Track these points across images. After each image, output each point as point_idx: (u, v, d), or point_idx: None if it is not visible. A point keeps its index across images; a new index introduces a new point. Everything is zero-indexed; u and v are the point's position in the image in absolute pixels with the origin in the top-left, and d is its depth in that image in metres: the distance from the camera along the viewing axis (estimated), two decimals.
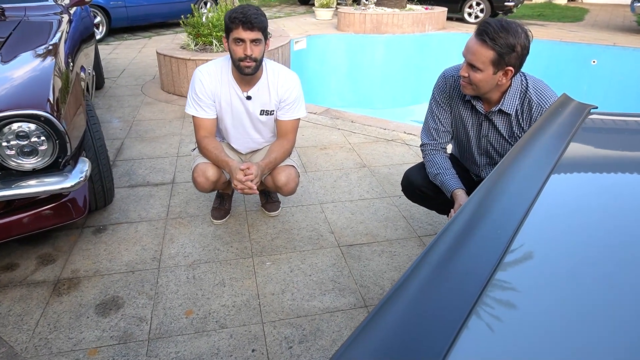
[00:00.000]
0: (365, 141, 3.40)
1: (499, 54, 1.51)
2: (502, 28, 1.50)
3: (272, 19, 10.00)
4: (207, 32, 4.55)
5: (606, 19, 10.86)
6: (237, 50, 1.88)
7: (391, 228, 2.34)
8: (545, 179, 0.89)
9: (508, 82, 1.63)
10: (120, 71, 5.55)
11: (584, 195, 0.91)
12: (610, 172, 1.02)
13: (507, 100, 1.66)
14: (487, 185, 0.89)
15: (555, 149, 1.06)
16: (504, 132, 1.74)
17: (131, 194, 2.65)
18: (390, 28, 7.81)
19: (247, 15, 1.82)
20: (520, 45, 1.51)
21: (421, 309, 0.55)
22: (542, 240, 0.72)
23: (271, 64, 2.08)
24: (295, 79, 2.10)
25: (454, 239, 0.71)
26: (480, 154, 1.88)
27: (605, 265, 0.64)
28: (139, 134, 3.55)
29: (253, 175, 1.88)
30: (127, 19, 8.10)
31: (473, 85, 1.61)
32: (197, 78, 2.03)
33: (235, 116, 2.11)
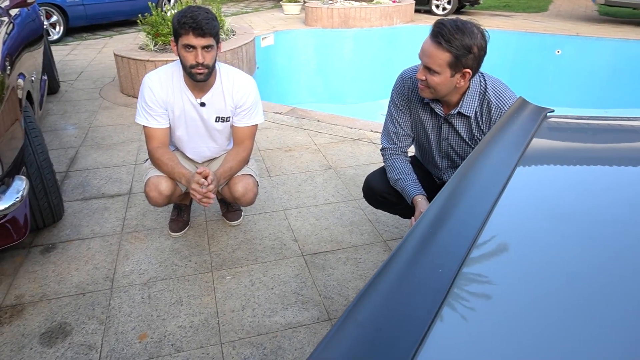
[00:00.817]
0: (331, 141, 3.32)
1: (455, 56, 1.46)
2: (458, 29, 1.44)
3: (240, 15, 9.81)
4: (166, 31, 4.38)
5: (569, 9, 11.06)
6: (187, 56, 1.77)
7: (357, 233, 2.27)
8: (504, 182, 0.88)
9: (466, 84, 1.57)
10: (77, 74, 5.32)
11: (543, 196, 0.90)
12: (569, 174, 1.02)
13: (465, 102, 1.61)
14: (448, 190, 0.87)
15: (513, 153, 1.04)
16: (463, 134, 1.69)
17: (84, 208, 2.50)
18: (358, 22, 7.74)
19: (197, 20, 1.70)
20: (477, 46, 1.46)
21: (387, 311, 0.55)
22: (504, 240, 0.72)
23: (225, 68, 1.98)
24: (251, 83, 2.00)
25: (418, 243, 0.70)
26: (442, 157, 1.83)
27: (569, 264, 0.64)
28: (95, 141, 3.39)
29: (210, 182, 1.78)
30: (86, 18, 7.77)
31: (431, 88, 1.56)
32: (146, 85, 1.90)
33: (189, 124, 2.00)
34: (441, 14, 9.64)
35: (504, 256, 0.67)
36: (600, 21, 9.02)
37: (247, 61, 4.86)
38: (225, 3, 12.25)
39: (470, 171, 0.92)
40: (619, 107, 7.15)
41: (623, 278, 0.59)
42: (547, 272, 0.61)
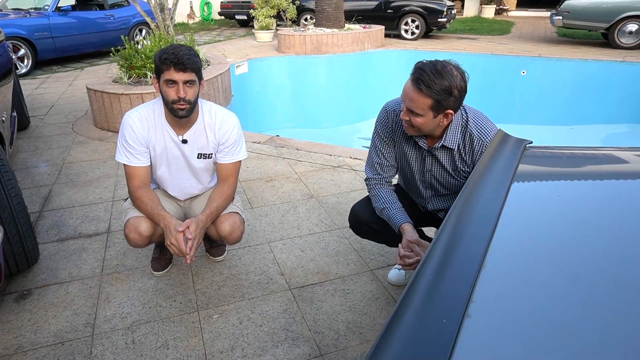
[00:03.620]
0: (311, 169, 3.33)
1: (437, 101, 1.49)
2: (437, 73, 1.47)
3: (212, 43, 9.86)
4: (140, 63, 4.36)
5: (530, 31, 11.58)
6: (169, 92, 1.76)
7: (343, 263, 2.27)
8: (495, 222, 0.90)
9: (449, 121, 1.62)
10: (48, 108, 5.21)
11: (534, 234, 0.93)
12: (555, 205, 1.06)
13: (449, 136, 1.65)
14: (445, 234, 0.88)
15: (501, 190, 1.06)
16: (447, 166, 1.73)
17: (60, 250, 2.42)
18: (330, 48, 7.89)
19: (178, 56, 1.70)
20: (457, 88, 1.50)
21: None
22: (501, 287, 0.73)
23: (207, 105, 1.97)
24: (234, 120, 1.99)
25: (421, 293, 0.71)
26: (425, 187, 1.85)
27: (568, 310, 0.65)
28: (69, 178, 3.30)
29: (193, 237, 1.76)
30: (55, 51, 7.67)
31: (415, 127, 1.60)
32: (126, 124, 1.87)
33: (171, 162, 1.98)
34: (410, 38, 9.93)
35: (502, 304, 0.68)
36: (559, 42, 9.46)
37: (223, 91, 4.87)
38: (197, 32, 12.31)
39: (463, 213, 0.94)
40: (583, 124, 7.46)
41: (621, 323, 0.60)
42: (546, 319, 0.62)
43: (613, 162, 1.29)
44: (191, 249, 1.76)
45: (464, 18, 14.78)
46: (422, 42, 9.51)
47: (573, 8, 8.79)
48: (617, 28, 8.40)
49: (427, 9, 9.81)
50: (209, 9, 14.94)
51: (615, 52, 8.07)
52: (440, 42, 9.65)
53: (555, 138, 7.16)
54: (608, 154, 1.35)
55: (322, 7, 8.29)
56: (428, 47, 8.70)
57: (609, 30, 8.52)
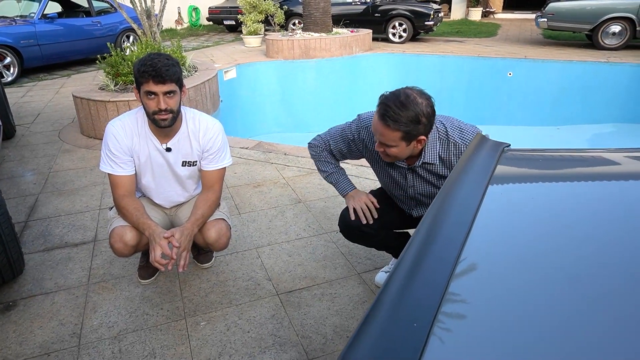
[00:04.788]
0: (299, 174, 3.35)
1: (406, 132, 1.51)
2: (402, 106, 1.48)
3: (201, 49, 9.85)
4: (127, 70, 4.34)
5: (516, 33, 11.71)
6: (149, 103, 1.75)
7: (330, 267, 2.28)
8: (470, 225, 0.91)
9: (423, 145, 1.64)
10: (34, 116, 5.17)
11: (508, 237, 0.94)
12: (531, 206, 1.07)
13: (427, 152, 1.67)
14: (419, 237, 0.89)
15: (477, 192, 1.07)
16: (431, 179, 1.75)
17: (46, 259, 2.40)
18: (318, 52, 7.92)
19: (157, 68, 1.69)
20: (425, 115, 1.51)
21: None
22: (473, 289, 0.75)
23: (190, 113, 1.97)
24: (217, 126, 2.00)
25: (394, 296, 0.72)
26: (409, 199, 1.88)
27: (540, 313, 0.66)
28: (55, 187, 3.28)
29: (178, 245, 1.76)
30: (42, 58, 7.62)
31: (392, 156, 1.63)
32: (110, 133, 1.87)
33: (156, 170, 1.98)
34: (398, 41, 10.00)
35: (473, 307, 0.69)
36: (545, 44, 9.59)
37: (211, 97, 4.87)
38: (185, 37, 12.29)
39: (438, 216, 0.95)
40: (569, 124, 7.56)
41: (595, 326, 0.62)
42: (518, 322, 0.64)
43: (590, 165, 1.32)
44: (181, 258, 1.76)
45: (451, 21, 14.92)
46: (410, 46, 9.58)
47: (557, 10, 8.93)
48: (600, 29, 8.54)
49: (414, 13, 9.89)
50: (197, 15, 14.92)
51: (599, 53, 8.19)
52: (427, 45, 9.74)
53: (542, 138, 7.25)
54: (585, 156, 1.38)
55: (310, 12, 8.33)
56: (415, 50, 8.77)
57: (592, 31, 8.66)
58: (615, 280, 0.72)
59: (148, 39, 5.15)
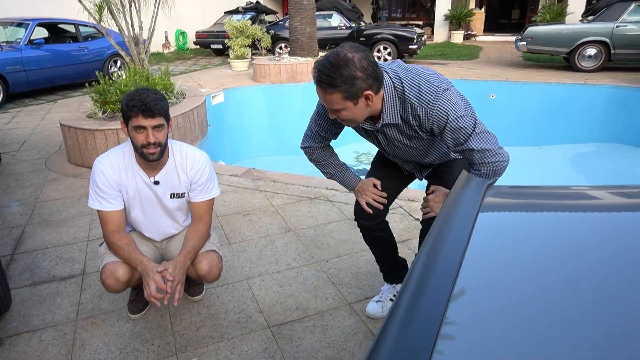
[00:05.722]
0: (288, 202, 3.37)
1: (345, 91, 1.44)
2: (333, 66, 1.41)
3: (188, 73, 9.92)
4: (115, 98, 4.36)
5: (497, 55, 12.04)
6: (138, 137, 1.78)
7: (321, 298, 2.29)
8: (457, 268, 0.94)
9: (378, 97, 1.54)
10: (20, 143, 5.13)
11: (495, 280, 0.97)
12: (516, 247, 1.10)
13: (386, 112, 1.58)
14: (412, 282, 0.91)
15: (463, 233, 1.11)
16: (401, 139, 1.70)
17: (33, 295, 2.37)
18: (305, 76, 8.03)
19: (146, 102, 1.73)
20: (359, 69, 1.42)
21: None
22: (463, 338, 0.76)
23: (177, 145, 2.00)
24: (204, 158, 2.03)
25: (389, 343, 0.73)
26: (395, 156, 1.88)
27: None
28: (42, 217, 3.25)
29: (172, 278, 1.77)
30: (28, 84, 7.59)
31: (348, 121, 1.58)
32: (97, 170, 1.89)
33: (144, 204, 1.99)
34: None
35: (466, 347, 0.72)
36: (525, 66, 9.87)
37: (199, 123, 4.90)
38: (173, 61, 12.36)
39: (428, 259, 0.98)
40: (552, 144, 7.74)
41: None
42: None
43: (572, 200, 1.37)
44: (176, 292, 1.77)
45: (435, 43, 15.28)
46: None
47: (536, 34, 9.22)
48: (577, 52, 8.83)
49: (398, 37, 10.13)
50: (184, 39, 15.05)
51: (577, 75, 8.46)
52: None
53: (527, 158, 7.40)
54: (568, 193, 1.43)
55: (296, 37, 8.48)
56: None
57: (570, 54, 8.95)
58: (609, 320, 0.75)
59: (136, 66, 5.19)
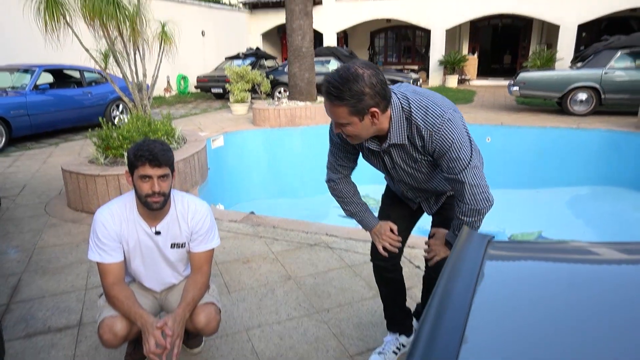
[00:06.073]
0: (288, 248, 3.36)
1: (352, 106, 1.47)
2: (342, 80, 1.45)
3: (188, 117, 10.10)
4: (117, 144, 4.43)
5: (491, 99, 12.35)
6: (143, 186, 1.81)
7: (322, 350, 2.25)
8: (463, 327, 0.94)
9: (385, 117, 1.56)
10: (20, 187, 5.15)
11: (500, 336, 0.97)
12: (519, 301, 1.11)
13: (393, 132, 1.60)
14: (421, 344, 0.91)
15: (466, 291, 1.12)
16: (407, 160, 1.71)
17: (28, 347, 2.32)
18: (304, 120, 8.19)
19: (153, 152, 1.77)
20: (368, 85, 1.45)
21: None
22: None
23: (178, 195, 2.02)
24: (205, 208, 2.04)
25: None
26: (400, 180, 1.88)
27: None
28: (40, 265, 3.22)
29: (172, 333, 1.74)
30: (31, 128, 7.70)
31: (353, 137, 1.60)
32: (98, 221, 1.90)
33: (145, 254, 1.99)
34: None
35: None
36: (518, 110, 10.10)
37: (200, 167, 4.95)
38: (173, 105, 12.61)
39: (435, 322, 0.99)
40: (548, 187, 7.81)
41: None
42: None
43: (571, 255, 1.39)
44: (175, 346, 1.74)
45: (430, 87, 15.69)
46: None
47: (528, 80, 9.50)
48: (569, 97, 9.07)
49: (394, 82, 10.40)
50: (185, 83, 15.42)
51: (570, 119, 8.65)
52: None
53: (523, 201, 7.45)
54: (567, 248, 1.45)
55: (296, 83, 8.71)
56: None
57: (562, 99, 9.19)
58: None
59: (139, 111, 5.31)
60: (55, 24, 4.75)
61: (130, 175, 1.85)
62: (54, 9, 4.73)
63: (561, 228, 6.49)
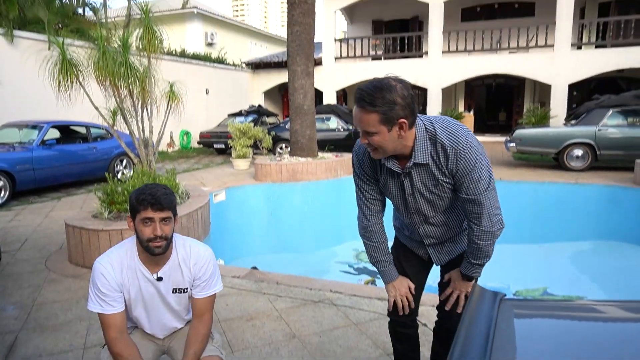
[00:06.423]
0: (292, 305, 3.30)
1: (383, 113, 1.53)
2: (376, 88, 1.53)
3: (191, 171, 10.23)
4: (122, 199, 4.46)
5: (489, 155, 12.40)
6: (145, 230, 1.79)
7: None
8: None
9: (410, 133, 1.62)
10: (21, 242, 5.13)
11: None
12: (532, 349, 1.10)
13: (417, 151, 1.65)
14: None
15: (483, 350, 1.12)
16: (427, 182, 1.72)
17: None
18: (305, 175, 8.29)
19: (155, 196, 1.77)
20: (400, 96, 1.53)
21: None
22: None
23: (180, 240, 1.99)
24: (208, 253, 2.00)
25: None
26: (411, 214, 1.86)
27: None
28: (38, 322, 3.15)
29: None
30: (35, 182, 7.78)
31: (379, 149, 1.64)
32: (98, 272, 1.85)
33: (147, 302, 1.94)
34: None
35: None
36: (516, 165, 10.27)
37: (202, 222, 4.96)
38: (176, 159, 12.81)
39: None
40: (550, 242, 7.79)
41: None
42: None
43: (583, 313, 1.38)
44: None
45: None
46: None
47: (524, 136, 9.73)
48: (565, 153, 9.26)
49: None
50: (188, 138, 15.75)
51: (567, 174, 8.77)
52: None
53: (528, 256, 7.39)
54: (578, 306, 1.45)
55: (297, 139, 8.90)
56: None
57: (558, 155, 9.37)
58: None
59: (144, 167, 5.40)
60: (68, 83, 4.95)
61: (132, 220, 1.84)
62: (68, 70, 4.96)
63: (566, 284, 6.40)
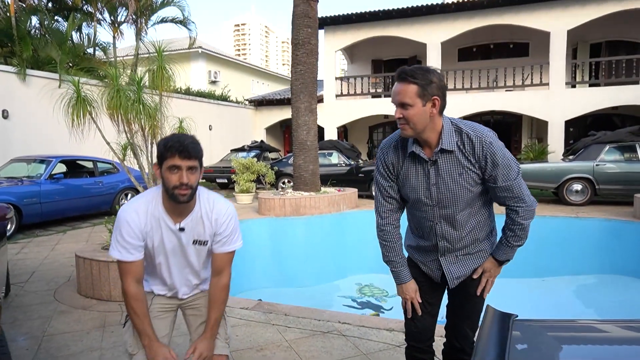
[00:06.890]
0: (301, 336, 3.33)
1: (421, 86, 1.74)
2: (417, 68, 1.77)
3: None
4: None
5: None
6: (171, 178, 1.80)
7: None
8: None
9: (439, 120, 1.82)
10: (29, 274, 5.16)
11: None
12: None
13: (445, 138, 1.82)
14: None
15: None
16: (453, 170, 1.85)
17: None
18: (308, 210, 8.38)
19: (183, 144, 1.80)
20: (437, 77, 1.77)
21: None
22: None
23: (205, 193, 2.01)
24: (231, 210, 2.03)
25: None
26: (432, 206, 1.92)
27: None
28: (49, 353, 3.17)
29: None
30: (41, 215, 7.86)
31: (410, 123, 1.79)
32: (123, 220, 1.88)
33: (168, 251, 1.97)
34: None
35: None
36: None
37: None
38: None
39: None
40: (553, 276, 7.79)
41: None
42: None
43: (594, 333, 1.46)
44: None
45: None
46: None
47: (523, 171, 9.82)
48: (564, 188, 9.39)
49: None
50: None
51: (568, 208, 8.87)
52: None
53: (531, 290, 7.38)
54: (586, 326, 1.53)
55: (300, 174, 9.05)
56: None
57: (558, 189, 9.50)
58: None
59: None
60: (81, 120, 5.13)
61: (159, 167, 1.86)
62: (82, 107, 5.15)
63: (571, 317, 6.37)
